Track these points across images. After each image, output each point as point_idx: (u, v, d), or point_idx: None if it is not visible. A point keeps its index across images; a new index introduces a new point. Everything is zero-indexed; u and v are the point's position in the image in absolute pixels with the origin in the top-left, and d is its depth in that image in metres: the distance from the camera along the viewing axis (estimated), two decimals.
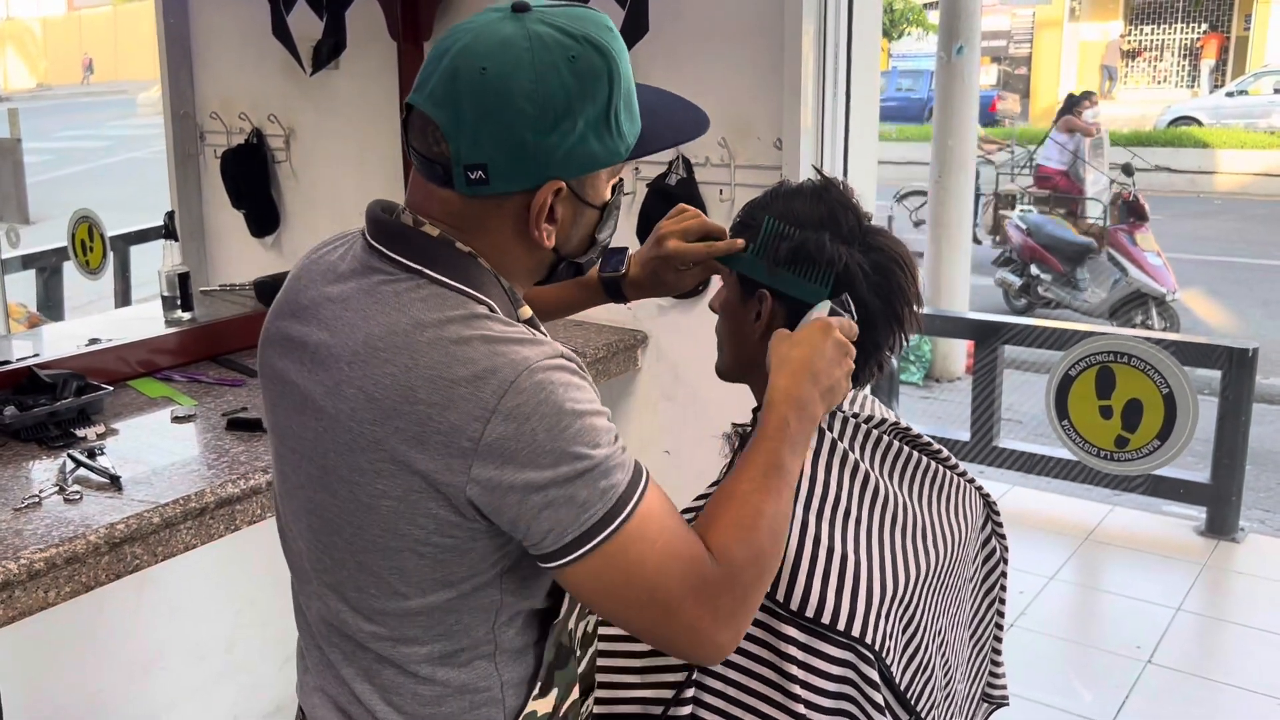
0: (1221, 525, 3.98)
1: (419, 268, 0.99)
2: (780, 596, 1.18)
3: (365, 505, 0.96)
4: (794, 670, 1.16)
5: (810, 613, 1.17)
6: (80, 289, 3.68)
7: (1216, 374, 3.98)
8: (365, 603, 1.01)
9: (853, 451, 1.29)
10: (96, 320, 3.07)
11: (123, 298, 3.81)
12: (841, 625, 1.17)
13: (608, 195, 1.05)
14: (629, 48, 1.99)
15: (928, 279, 6.59)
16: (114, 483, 1.61)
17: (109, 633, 2.17)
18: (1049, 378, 2.70)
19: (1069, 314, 7.38)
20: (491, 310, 0.98)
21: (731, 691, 1.20)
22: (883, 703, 1.18)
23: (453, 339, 0.94)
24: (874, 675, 1.18)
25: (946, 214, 6.52)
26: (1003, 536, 1.50)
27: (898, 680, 1.23)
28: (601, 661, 1.26)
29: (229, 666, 2.37)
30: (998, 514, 1.49)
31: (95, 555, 1.47)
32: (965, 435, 4.51)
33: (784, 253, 1.25)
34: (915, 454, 1.37)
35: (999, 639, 1.55)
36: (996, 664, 1.56)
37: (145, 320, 2.63)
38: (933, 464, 1.38)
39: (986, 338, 4.41)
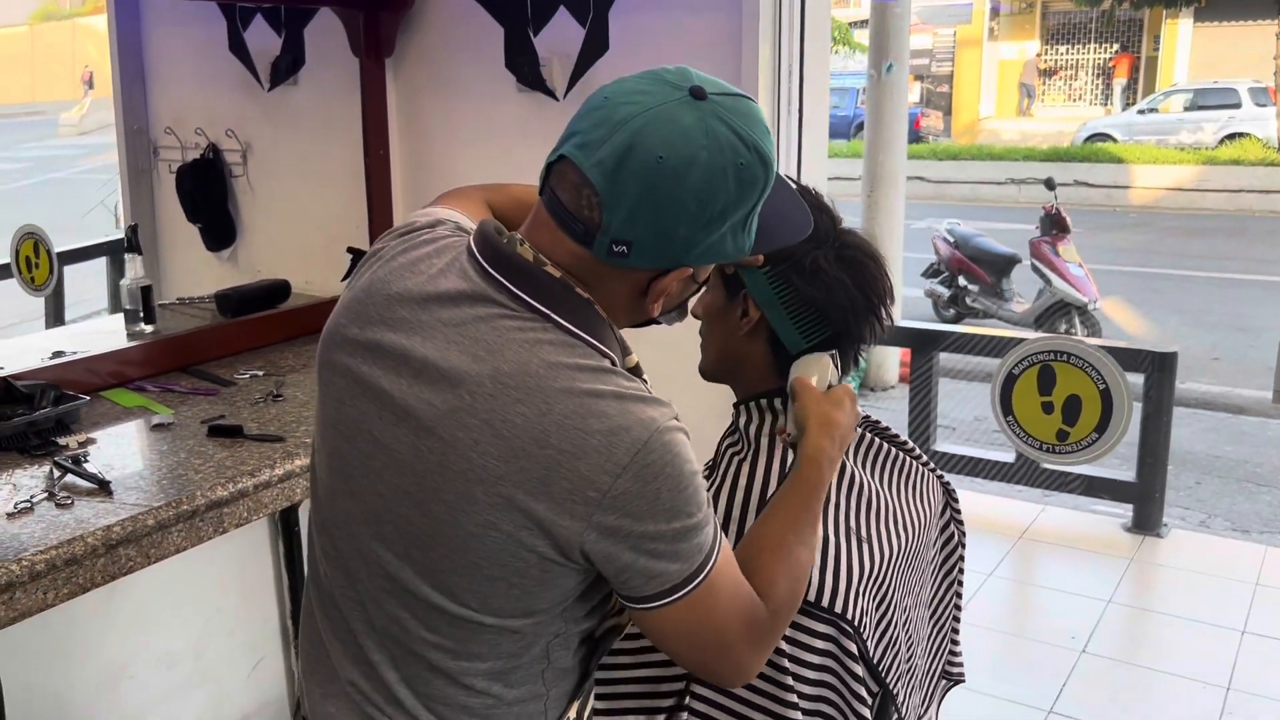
0: (1146, 522, 4.17)
1: (543, 309, 1.02)
2: None
3: (470, 532, 1.00)
4: (783, 644, 1.25)
5: None
6: (7, 308, 3.64)
7: (1140, 378, 4.20)
8: (433, 616, 1.05)
9: None
10: (57, 334, 3.07)
11: (54, 317, 3.78)
12: (825, 601, 1.26)
13: (708, 273, 1.12)
14: (588, 66, 2.10)
15: None
16: (103, 487, 1.64)
17: (76, 643, 2.17)
18: (994, 375, 2.85)
19: (997, 324, 7.61)
20: (614, 364, 1.03)
21: None
22: (861, 674, 1.28)
23: (586, 390, 0.98)
24: (853, 649, 1.27)
25: (878, 228, 6.70)
26: (960, 522, 1.61)
27: (871, 654, 1.33)
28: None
29: (198, 675, 2.38)
30: (956, 501, 1.59)
31: (93, 557, 1.50)
32: None
33: (796, 295, 1.32)
34: (883, 444, 1.46)
35: (958, 619, 1.65)
36: (955, 643, 1.67)
37: (105, 334, 2.64)
38: (899, 453, 1.48)
39: (924, 346, 4.57)
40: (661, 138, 0.96)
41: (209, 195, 3.04)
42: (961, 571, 1.63)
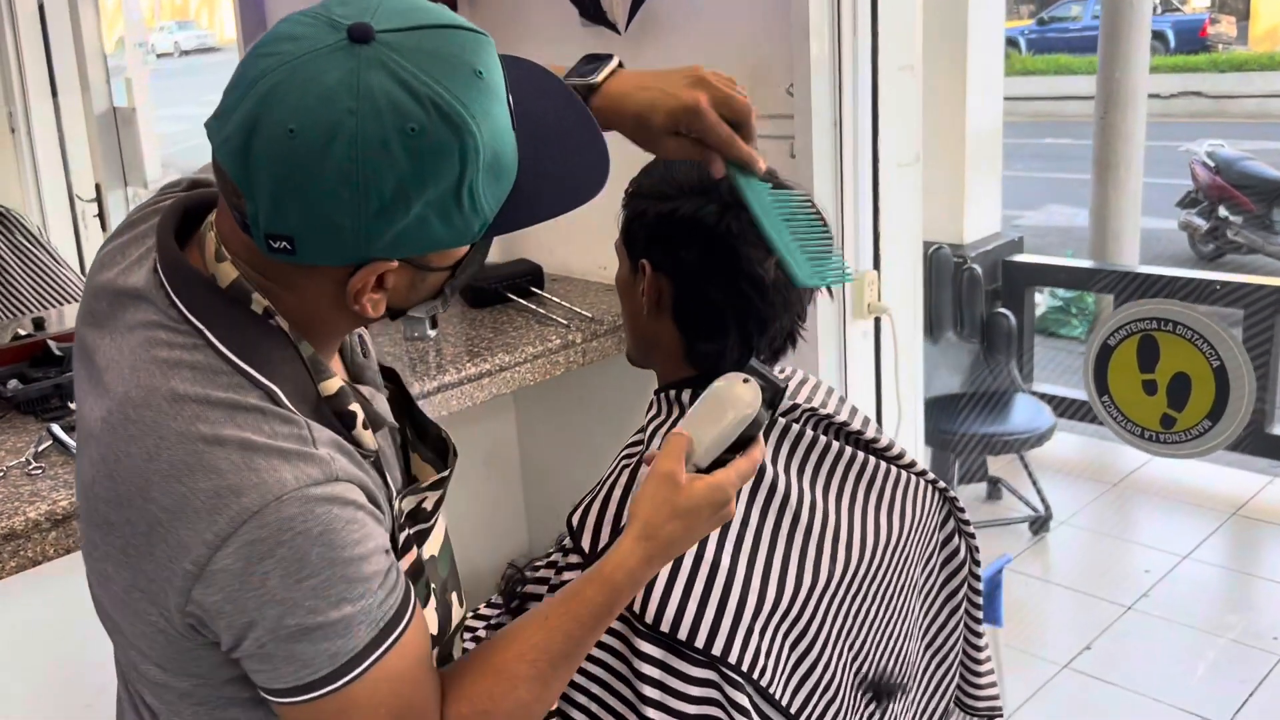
0: None
1: (198, 324, 0.83)
2: (636, 608, 1.06)
3: (98, 581, 0.86)
4: (648, 691, 1.04)
5: (666, 627, 1.05)
6: None
7: None
8: (126, 655, 0.91)
9: None
10: None
11: None
12: (700, 642, 1.04)
13: (463, 252, 0.86)
14: None
15: (1092, 226, 6.09)
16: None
17: None
18: (1086, 346, 2.41)
19: (1262, 260, 6.71)
20: (270, 398, 0.83)
21: (578, 716, 1.09)
22: None
23: (205, 436, 0.79)
24: (742, 700, 1.05)
25: (1113, 154, 5.96)
26: (970, 535, 1.32)
27: (785, 702, 1.09)
28: None
29: None
30: (962, 510, 1.31)
31: (38, 531, 1.48)
32: None
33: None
34: (841, 447, 1.21)
35: (976, 646, 1.37)
36: (976, 673, 1.39)
37: None
38: (864, 457, 1.22)
39: (1126, 292, 4.02)
40: (294, 103, 0.73)
41: None
42: (976, 592, 1.35)
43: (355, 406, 0.88)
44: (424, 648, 0.88)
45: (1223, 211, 6.94)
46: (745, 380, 0.95)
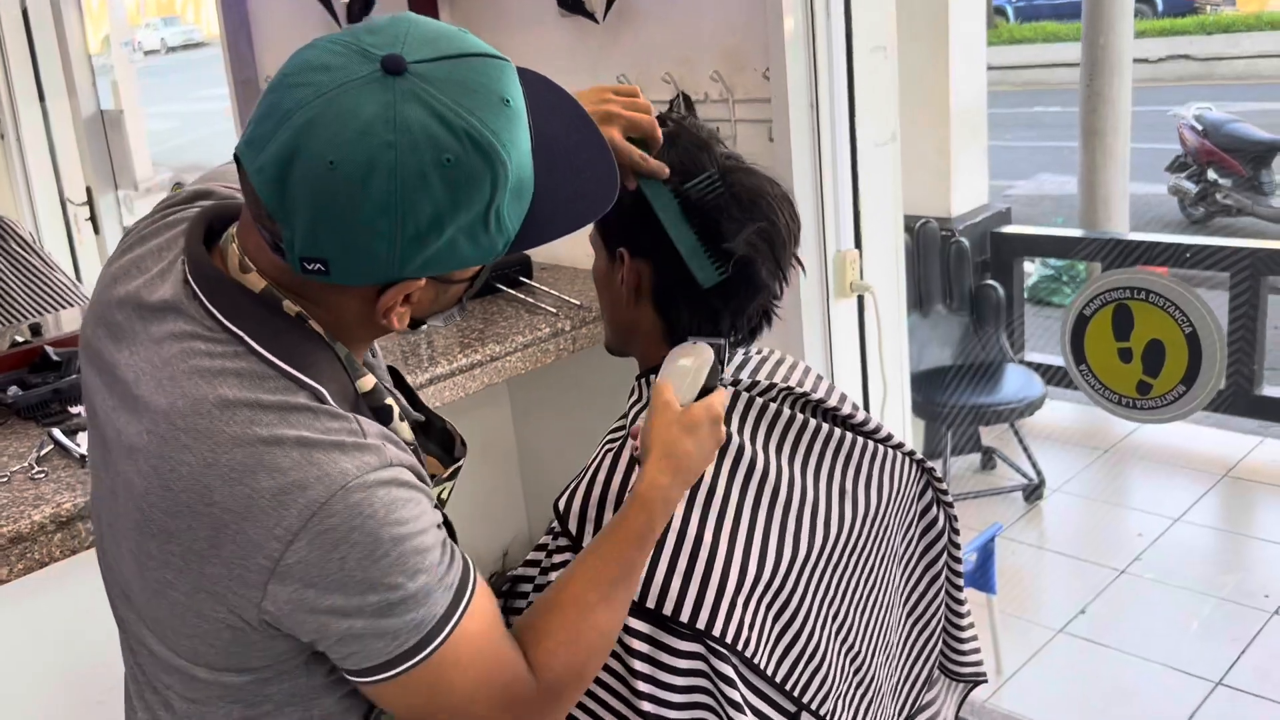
0: None
1: (235, 329, 0.87)
2: None
3: (152, 589, 0.88)
4: (637, 665, 1.08)
5: (651, 603, 1.09)
6: None
7: None
8: (158, 662, 0.94)
9: (727, 425, 1.18)
10: None
11: None
12: (684, 617, 1.08)
13: (473, 272, 0.91)
14: None
15: (1081, 193, 6.11)
16: (82, 461, 1.67)
17: None
18: (1063, 316, 2.46)
19: (1252, 223, 6.73)
20: (317, 398, 0.86)
21: None
22: (740, 700, 1.09)
23: (262, 438, 0.83)
24: (728, 671, 1.09)
25: (1100, 121, 5.97)
26: (949, 505, 1.36)
27: (770, 672, 1.13)
28: None
29: None
30: (940, 480, 1.35)
31: (44, 533, 1.52)
32: None
33: (704, 209, 1.13)
34: (819, 423, 1.24)
35: (958, 613, 1.41)
36: (959, 639, 1.43)
37: None
38: (841, 433, 1.25)
39: (1113, 258, 4.05)
40: (331, 136, 0.76)
41: None
42: (956, 560, 1.38)
43: (391, 401, 0.93)
44: (494, 608, 0.94)
45: (1212, 175, 6.94)
46: (694, 343, 1.12)
